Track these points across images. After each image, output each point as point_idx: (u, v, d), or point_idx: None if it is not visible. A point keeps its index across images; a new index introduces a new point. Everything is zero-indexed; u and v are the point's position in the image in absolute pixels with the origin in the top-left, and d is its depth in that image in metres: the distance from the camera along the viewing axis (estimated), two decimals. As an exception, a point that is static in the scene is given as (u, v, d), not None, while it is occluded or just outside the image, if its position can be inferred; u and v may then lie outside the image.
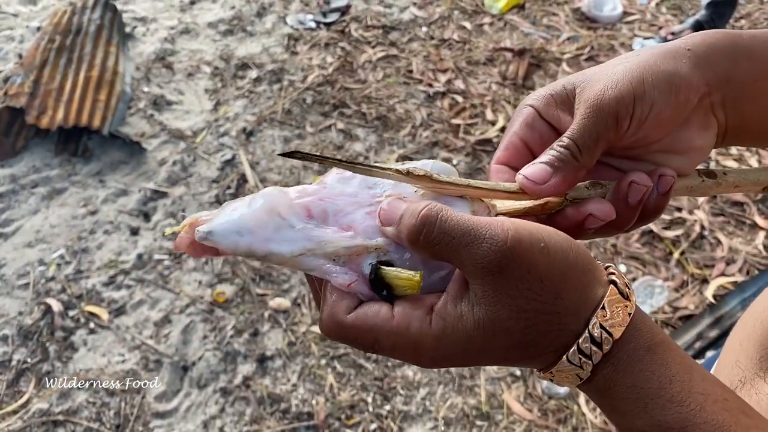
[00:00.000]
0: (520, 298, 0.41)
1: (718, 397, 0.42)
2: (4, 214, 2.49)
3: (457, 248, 0.42)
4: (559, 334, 0.43)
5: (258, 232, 0.45)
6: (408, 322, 0.43)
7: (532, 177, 0.48)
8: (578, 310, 0.42)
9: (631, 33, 3.53)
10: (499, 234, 0.41)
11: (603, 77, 0.50)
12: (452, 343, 0.43)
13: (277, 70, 3.19)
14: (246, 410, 1.98)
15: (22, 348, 2.11)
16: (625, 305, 0.43)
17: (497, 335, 0.42)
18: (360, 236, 0.47)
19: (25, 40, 3.27)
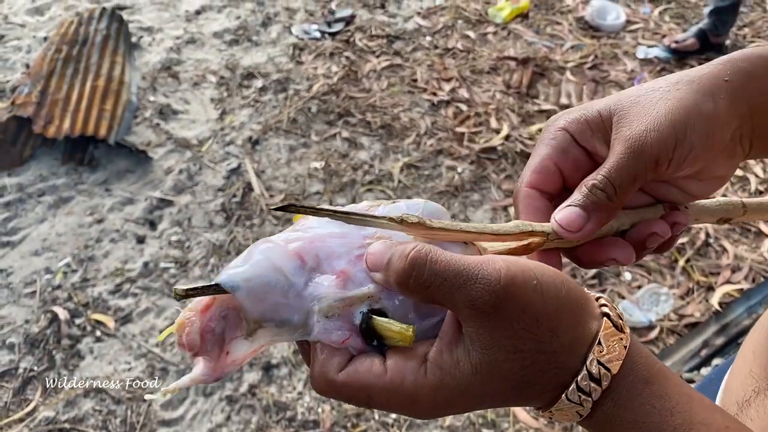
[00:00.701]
0: (516, 339, 0.40)
1: (720, 425, 0.41)
2: (12, 223, 2.51)
3: (449, 290, 0.41)
4: (557, 372, 0.42)
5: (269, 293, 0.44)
6: (402, 376, 0.42)
7: (566, 225, 0.48)
8: (574, 346, 0.42)
9: (634, 41, 3.55)
10: (492, 273, 0.40)
11: (643, 114, 0.48)
12: (450, 392, 0.42)
13: (283, 79, 3.20)
14: (252, 418, 1.98)
15: (29, 356, 2.12)
16: (620, 338, 0.42)
17: (495, 378, 0.41)
18: (352, 284, 0.45)
19: (33, 51, 3.30)
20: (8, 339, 2.16)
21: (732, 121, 0.49)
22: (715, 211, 0.58)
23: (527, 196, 0.52)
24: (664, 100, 0.48)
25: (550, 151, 0.51)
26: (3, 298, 2.28)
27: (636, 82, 3.24)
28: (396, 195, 2.63)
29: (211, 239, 2.46)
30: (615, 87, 3.23)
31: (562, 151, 0.51)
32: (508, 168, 2.77)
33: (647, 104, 0.49)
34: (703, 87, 0.49)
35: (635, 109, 0.49)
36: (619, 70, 3.33)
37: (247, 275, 0.43)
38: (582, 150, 0.52)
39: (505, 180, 2.73)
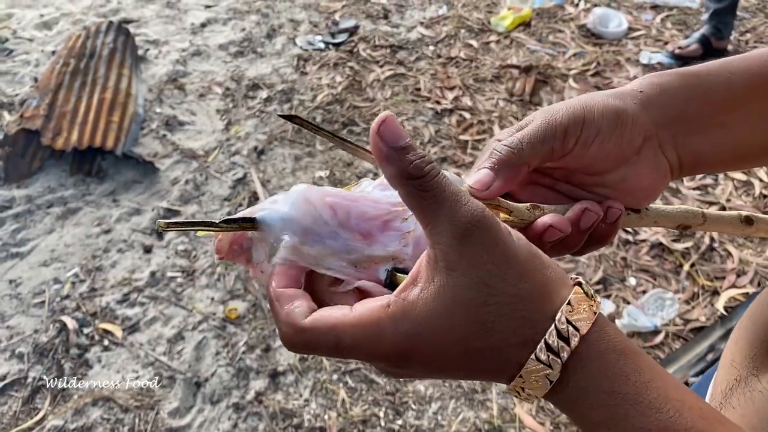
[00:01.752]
0: (483, 269, 0.41)
1: (693, 404, 0.41)
2: (20, 234, 2.54)
3: (440, 201, 0.41)
4: (522, 323, 0.41)
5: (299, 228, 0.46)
6: (369, 312, 0.42)
7: (475, 183, 0.51)
8: (542, 299, 0.42)
9: (636, 48, 3.56)
10: (480, 205, 0.42)
11: (561, 105, 0.53)
12: (412, 324, 0.41)
13: (287, 90, 3.23)
14: (259, 426, 1.99)
15: (38, 365, 2.14)
16: (590, 304, 0.42)
17: (456, 305, 0.40)
18: (379, 245, 0.48)
19: (41, 64, 3.34)
20: (17, 349, 2.18)
21: (644, 124, 0.53)
22: (675, 216, 0.60)
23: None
24: (577, 98, 0.54)
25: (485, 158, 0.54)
26: (12, 308, 2.30)
27: (639, 88, 3.25)
28: (400, 203, 2.65)
29: (217, 248, 2.48)
30: (618, 94, 3.24)
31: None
32: (512, 175, 2.78)
33: (563, 102, 0.54)
34: (616, 93, 0.54)
35: (553, 106, 0.54)
36: (621, 77, 3.34)
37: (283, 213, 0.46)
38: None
39: (509, 187, 2.74)
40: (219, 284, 2.36)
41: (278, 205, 0.47)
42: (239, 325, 2.23)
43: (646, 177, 0.55)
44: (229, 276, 2.38)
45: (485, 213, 0.41)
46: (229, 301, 2.31)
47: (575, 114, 0.52)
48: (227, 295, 2.32)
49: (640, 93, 0.54)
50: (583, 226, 0.53)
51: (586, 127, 0.52)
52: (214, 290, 2.34)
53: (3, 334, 2.22)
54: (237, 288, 2.35)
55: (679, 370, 2.09)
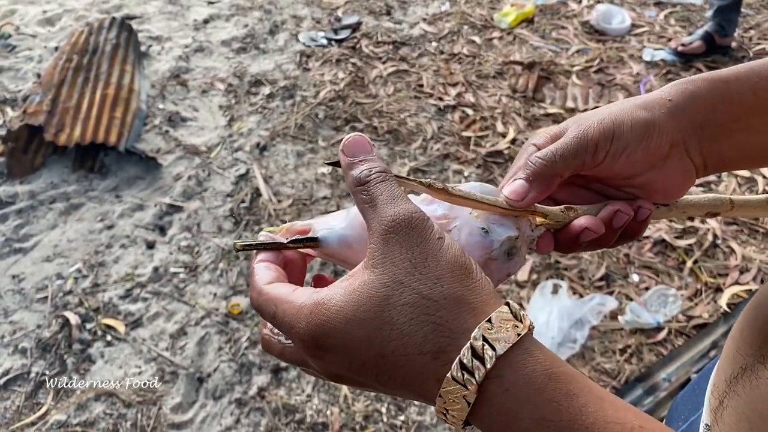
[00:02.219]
0: (401, 268, 0.41)
1: (634, 424, 0.39)
2: (23, 230, 2.54)
3: (375, 204, 0.44)
4: (434, 328, 0.40)
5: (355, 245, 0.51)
6: (301, 293, 0.44)
7: (510, 194, 0.53)
8: (457, 308, 0.41)
9: (640, 45, 3.55)
10: (413, 207, 0.43)
11: (593, 117, 0.56)
12: (325, 315, 0.42)
13: (290, 86, 3.23)
14: (261, 421, 1.99)
15: (41, 360, 2.14)
16: (515, 325, 0.40)
17: (370, 300, 0.41)
18: None
19: (44, 60, 3.34)
20: (20, 344, 2.18)
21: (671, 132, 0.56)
22: (704, 205, 0.64)
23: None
24: (609, 108, 0.57)
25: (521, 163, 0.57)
26: (15, 303, 2.30)
27: (642, 85, 3.25)
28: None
29: (220, 244, 2.48)
30: (621, 90, 3.23)
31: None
32: (515, 171, 2.78)
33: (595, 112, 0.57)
34: (644, 103, 0.57)
35: (585, 116, 0.57)
36: (624, 74, 3.34)
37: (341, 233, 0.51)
38: None
39: (512, 183, 2.74)
40: (221, 280, 2.36)
41: (336, 224, 0.51)
42: (242, 321, 2.23)
43: (672, 179, 0.58)
44: (232, 272, 2.38)
45: (413, 215, 0.43)
46: (232, 296, 2.31)
47: (605, 129, 0.55)
48: (230, 291, 2.32)
49: (668, 101, 0.56)
50: (615, 226, 0.56)
51: (615, 141, 0.55)
52: (217, 286, 2.34)
53: (6, 329, 2.22)
54: (240, 284, 2.35)
55: (681, 366, 2.09)
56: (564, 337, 2.12)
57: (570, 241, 0.57)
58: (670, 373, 2.07)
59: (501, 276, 0.54)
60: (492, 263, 0.52)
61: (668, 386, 2.04)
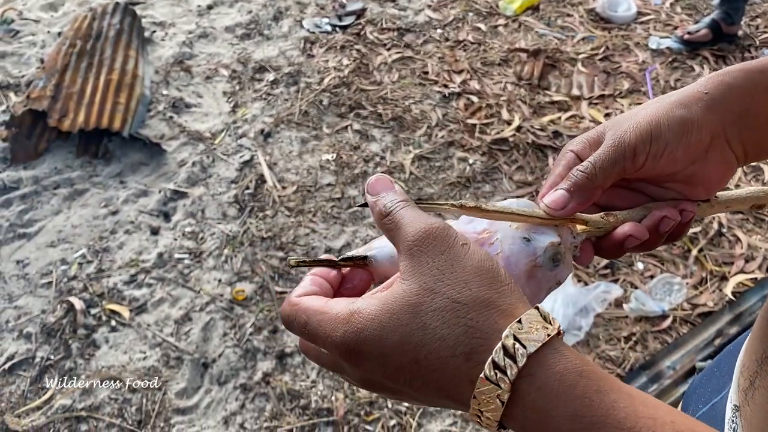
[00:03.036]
0: (429, 276, 0.43)
1: (665, 419, 0.39)
2: (27, 215, 2.54)
3: (399, 227, 0.46)
4: (465, 330, 0.41)
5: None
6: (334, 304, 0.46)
7: (551, 204, 0.55)
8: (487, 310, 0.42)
9: (646, 33, 3.53)
10: (434, 222, 0.45)
11: (627, 120, 0.57)
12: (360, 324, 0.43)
13: (294, 72, 3.22)
14: (266, 406, 1.99)
15: (46, 345, 2.14)
16: (545, 326, 0.41)
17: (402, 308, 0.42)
18: None
19: (47, 46, 3.33)
20: (25, 329, 2.18)
21: (711, 125, 0.56)
22: (746, 199, 0.65)
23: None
24: (645, 109, 0.57)
25: (560, 170, 0.58)
26: (20, 288, 2.30)
27: (647, 73, 3.23)
28: (407, 186, 2.64)
29: (224, 230, 2.48)
30: (626, 78, 3.22)
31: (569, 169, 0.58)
32: (520, 159, 2.77)
33: (631, 115, 0.57)
34: (680, 100, 0.57)
35: (621, 119, 0.57)
36: (630, 62, 3.32)
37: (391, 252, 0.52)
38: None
39: (517, 171, 2.73)
40: (226, 266, 2.36)
41: (387, 245, 0.52)
42: (246, 307, 2.24)
43: (714, 170, 0.58)
44: (237, 258, 2.38)
45: (433, 225, 0.45)
46: (237, 282, 2.31)
47: (642, 132, 0.55)
48: (234, 277, 2.32)
49: (705, 95, 0.57)
50: (662, 231, 0.58)
51: (654, 143, 0.55)
52: (222, 272, 2.34)
53: (11, 314, 2.23)
54: (244, 270, 2.35)
55: (686, 354, 2.09)
56: (569, 325, 2.12)
57: (614, 248, 0.58)
58: (674, 361, 2.07)
59: (550, 284, 0.54)
60: (538, 271, 0.53)
61: (673, 374, 2.04)
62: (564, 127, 2.92)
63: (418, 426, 1.95)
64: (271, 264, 2.36)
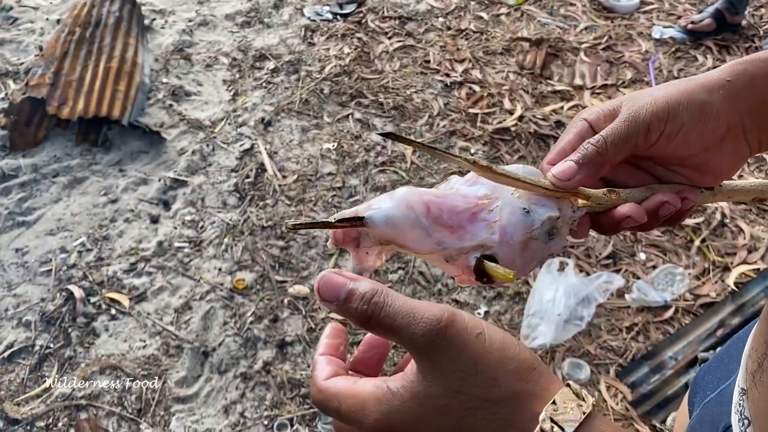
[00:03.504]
0: (454, 379, 0.42)
1: None
2: (27, 203, 2.52)
3: (398, 331, 0.43)
4: (503, 423, 0.42)
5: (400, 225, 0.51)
6: (362, 388, 0.45)
7: (559, 175, 0.55)
8: (521, 400, 0.43)
9: (649, 23, 3.51)
10: (436, 314, 0.43)
11: (644, 96, 0.56)
12: (390, 411, 0.43)
13: (295, 61, 3.19)
14: (266, 395, 1.99)
15: (45, 333, 2.13)
16: (579, 404, 0.43)
17: (434, 411, 0.43)
18: (468, 237, 0.52)
19: (46, 33, 3.30)
20: (24, 317, 2.17)
21: (729, 114, 0.56)
22: (749, 191, 0.65)
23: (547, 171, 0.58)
24: (666, 88, 0.57)
25: (570, 137, 0.58)
26: (19, 276, 2.29)
27: (650, 63, 3.21)
28: (408, 176, 2.63)
29: (224, 219, 2.47)
30: (629, 68, 3.20)
31: (580, 137, 0.58)
32: (522, 149, 2.76)
33: (649, 92, 0.57)
34: (703, 83, 0.57)
35: (639, 95, 0.57)
36: (633, 51, 3.30)
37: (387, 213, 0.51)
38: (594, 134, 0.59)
39: (519, 161, 2.72)
40: (226, 255, 2.35)
41: (383, 205, 0.52)
42: (247, 296, 2.22)
43: (726, 160, 0.58)
44: (237, 247, 2.37)
45: (440, 326, 0.42)
46: (237, 271, 2.30)
47: (659, 109, 0.55)
48: (235, 266, 2.31)
49: (727, 82, 0.56)
50: (661, 215, 0.58)
51: (669, 122, 0.55)
52: (222, 261, 2.33)
53: (10, 302, 2.22)
54: (245, 259, 2.33)
55: (688, 345, 2.08)
56: (570, 315, 2.11)
57: (611, 226, 0.58)
58: (676, 352, 2.07)
59: (543, 255, 0.55)
60: (533, 243, 0.54)
61: (674, 364, 2.04)
62: (566, 116, 2.90)
63: None
64: (271, 253, 2.34)
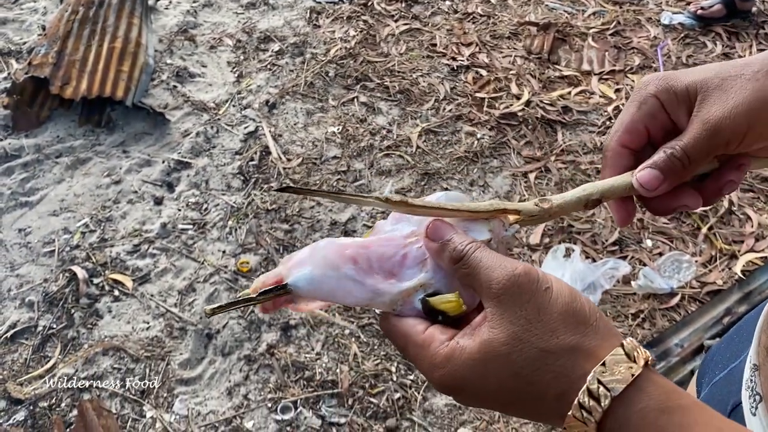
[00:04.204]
0: (518, 326, 0.45)
1: None
2: (29, 183, 2.51)
3: (478, 274, 0.48)
4: (555, 376, 0.44)
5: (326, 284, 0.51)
6: (431, 340, 0.49)
7: (645, 183, 0.56)
8: (575, 354, 0.44)
9: (658, 8, 3.47)
10: (514, 264, 0.47)
11: (724, 99, 0.54)
12: (456, 368, 0.46)
13: (300, 43, 3.16)
14: (270, 378, 1.98)
15: (48, 314, 2.13)
16: (629, 366, 0.44)
17: (496, 360, 0.45)
18: (405, 279, 0.52)
19: (49, 12, 3.27)
20: (27, 297, 2.16)
21: None
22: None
23: (617, 154, 0.59)
24: (743, 89, 0.54)
25: (642, 115, 0.58)
26: (22, 257, 2.28)
27: (659, 49, 3.18)
28: (414, 161, 2.61)
29: (228, 202, 2.45)
30: (637, 54, 3.16)
31: (651, 116, 0.58)
32: (528, 134, 2.73)
33: (729, 90, 0.54)
34: None
35: (717, 93, 0.55)
36: (641, 37, 3.26)
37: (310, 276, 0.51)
38: (667, 116, 0.58)
39: (525, 146, 2.69)
40: (230, 237, 2.33)
41: (304, 267, 0.51)
42: (251, 279, 2.21)
43: None
44: (241, 230, 2.36)
45: (517, 271, 0.46)
46: (241, 254, 2.28)
47: (739, 125, 0.54)
48: (239, 249, 2.30)
49: None
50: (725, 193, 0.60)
51: (749, 135, 0.54)
52: (226, 243, 2.32)
53: (13, 283, 2.21)
54: (249, 242, 2.32)
55: (694, 332, 2.07)
56: (576, 301, 2.09)
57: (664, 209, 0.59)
58: (682, 339, 2.05)
59: None
60: None
61: (680, 352, 2.02)
62: (574, 102, 2.88)
63: (423, 399, 1.93)
64: (275, 236, 2.33)
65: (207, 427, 1.89)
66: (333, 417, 1.90)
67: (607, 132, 2.74)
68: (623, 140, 0.59)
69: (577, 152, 2.67)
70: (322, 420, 1.89)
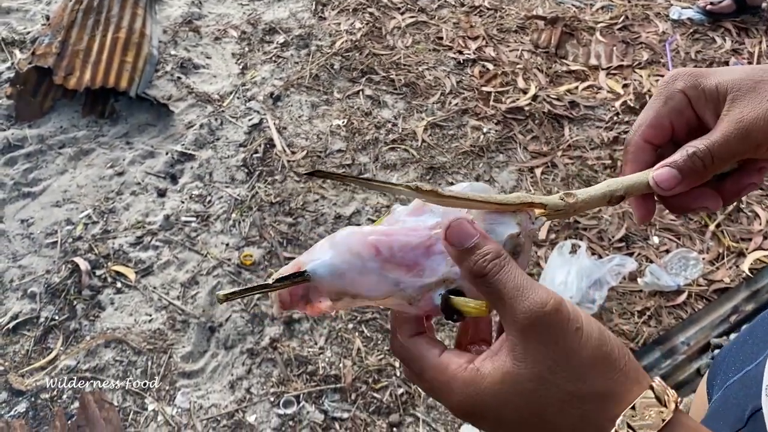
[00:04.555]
0: (545, 367, 0.43)
1: None
2: (32, 174, 2.49)
3: (504, 299, 0.44)
4: (581, 420, 0.43)
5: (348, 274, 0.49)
6: (448, 363, 0.47)
7: (660, 182, 0.54)
8: (603, 400, 0.43)
9: (666, 3, 3.44)
10: (543, 297, 0.43)
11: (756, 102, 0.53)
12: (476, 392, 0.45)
13: (305, 35, 3.14)
14: (273, 372, 1.97)
15: (50, 305, 2.11)
16: (660, 411, 0.43)
17: (518, 396, 0.43)
18: (428, 272, 0.50)
19: (53, 2, 3.25)
20: (30, 288, 2.15)
21: None
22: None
23: (639, 149, 0.58)
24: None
25: (668, 110, 0.56)
26: (24, 248, 2.27)
27: (667, 44, 3.15)
28: (419, 154, 2.59)
29: (232, 194, 2.44)
30: (646, 49, 3.13)
31: (678, 112, 0.56)
32: (535, 129, 2.71)
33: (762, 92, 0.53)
34: None
35: (750, 96, 0.53)
36: (650, 32, 3.23)
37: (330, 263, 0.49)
38: (694, 113, 0.56)
39: (532, 141, 2.67)
40: (234, 230, 2.32)
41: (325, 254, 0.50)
42: (254, 272, 2.20)
43: None
44: (245, 223, 2.34)
45: (544, 309, 0.43)
46: (244, 247, 2.27)
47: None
48: (242, 242, 2.28)
49: None
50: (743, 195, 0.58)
51: None
52: (229, 236, 2.30)
53: (15, 273, 2.20)
54: (252, 234, 2.30)
55: (701, 330, 2.05)
56: (582, 297, 2.08)
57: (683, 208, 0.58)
58: (689, 337, 2.04)
59: None
60: None
61: (687, 350, 2.01)
62: (581, 97, 2.85)
63: (426, 395, 1.92)
64: (279, 229, 2.31)
65: (209, 421, 1.88)
66: (336, 412, 1.89)
67: (613, 128, 2.72)
68: (647, 135, 0.57)
69: (584, 147, 2.64)
70: (325, 415, 1.88)
